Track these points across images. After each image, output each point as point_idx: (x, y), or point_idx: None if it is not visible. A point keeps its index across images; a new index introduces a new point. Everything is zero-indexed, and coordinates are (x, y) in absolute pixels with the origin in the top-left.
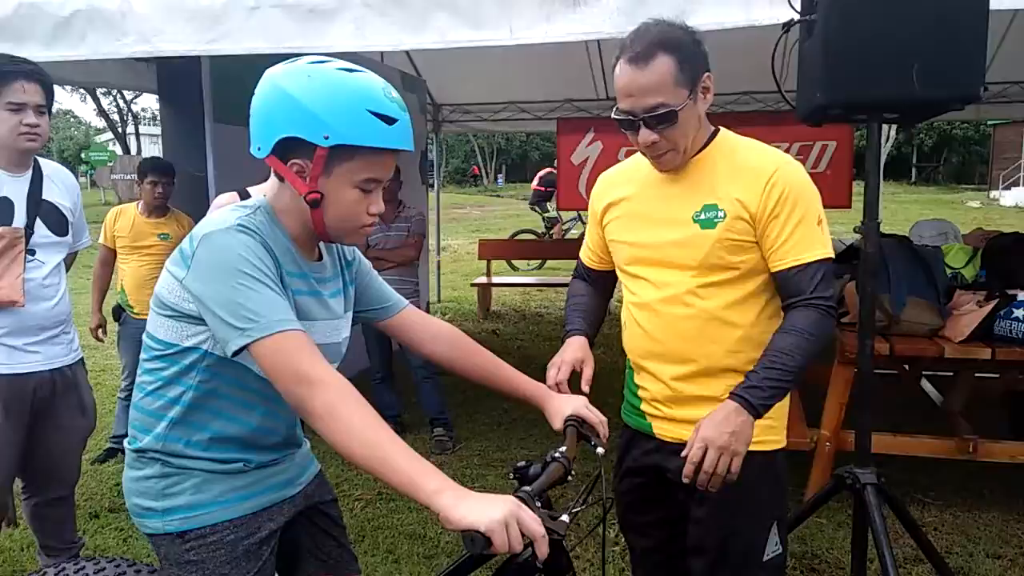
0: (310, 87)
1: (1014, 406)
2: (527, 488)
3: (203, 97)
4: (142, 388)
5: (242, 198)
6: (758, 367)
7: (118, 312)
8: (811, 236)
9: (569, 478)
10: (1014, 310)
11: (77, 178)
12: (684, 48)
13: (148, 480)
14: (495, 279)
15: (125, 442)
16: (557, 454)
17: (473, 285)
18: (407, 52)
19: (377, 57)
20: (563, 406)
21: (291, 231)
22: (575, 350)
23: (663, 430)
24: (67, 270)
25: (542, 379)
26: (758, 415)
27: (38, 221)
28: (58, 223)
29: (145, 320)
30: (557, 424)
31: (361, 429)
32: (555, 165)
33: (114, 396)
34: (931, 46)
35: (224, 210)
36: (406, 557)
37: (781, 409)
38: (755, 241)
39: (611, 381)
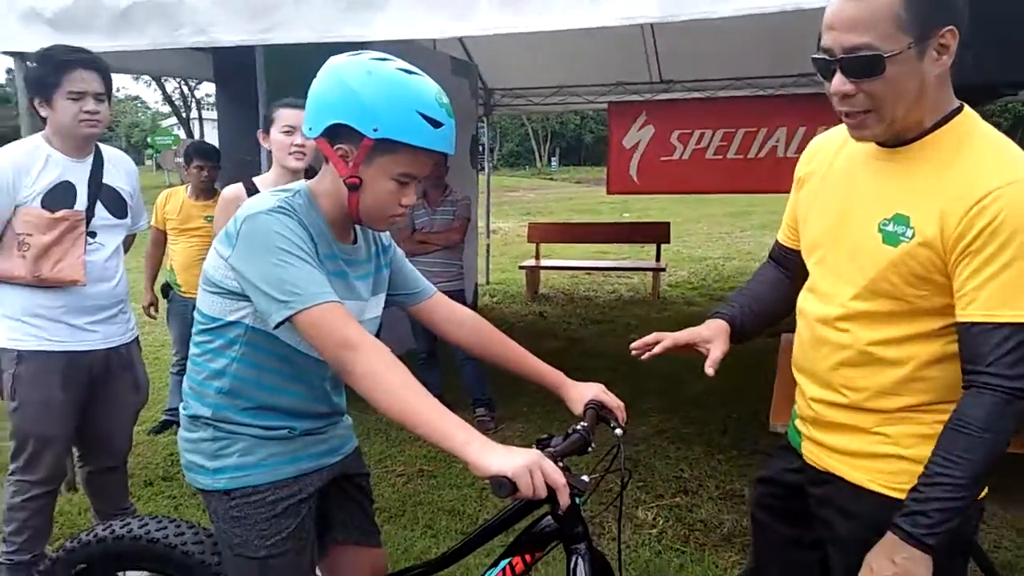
0: (368, 82)
1: None
2: (550, 449)
3: (256, 84)
4: (193, 360)
5: (248, 190)
6: (920, 483)
7: (166, 290)
8: (1018, 288)
9: (588, 450)
10: None
11: (143, 161)
12: None
13: (202, 442)
14: (544, 262)
15: (180, 406)
16: (578, 427)
17: (521, 268)
18: (459, 37)
19: (429, 43)
20: (582, 392)
21: (328, 214)
22: (699, 329)
23: (808, 451)
24: (125, 252)
25: (589, 363)
26: (927, 548)
27: (98, 204)
28: (118, 206)
29: (192, 298)
30: (577, 409)
31: (399, 388)
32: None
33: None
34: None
35: (266, 193)
36: (444, 532)
37: None
38: (945, 276)
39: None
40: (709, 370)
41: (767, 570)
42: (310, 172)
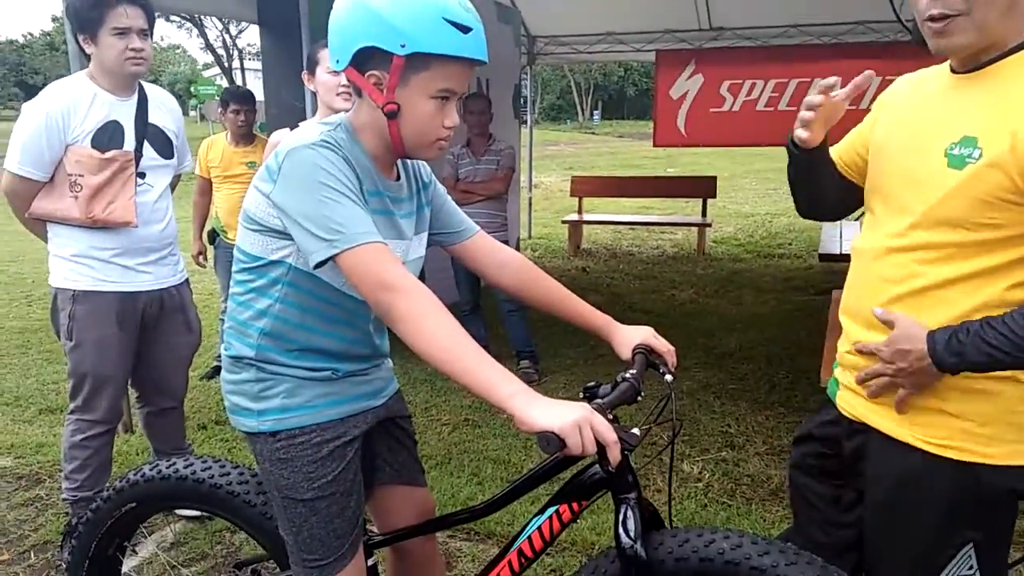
0: None
1: None
2: (599, 400)
3: (300, 24)
4: (234, 299)
5: None
6: (985, 319)
7: (212, 236)
8: None
9: (639, 398)
10: None
11: (187, 112)
12: None
13: (245, 384)
14: (586, 216)
15: (221, 348)
16: (628, 374)
17: (564, 222)
18: None
19: None
20: (631, 336)
21: (369, 148)
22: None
23: (844, 401)
24: (172, 193)
25: (632, 318)
26: (940, 366)
27: (146, 144)
28: (165, 146)
29: (234, 248)
30: (625, 353)
31: (442, 333)
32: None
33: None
34: None
35: (308, 127)
36: (489, 480)
37: (1009, 417)
38: (1018, 199)
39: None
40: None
41: (807, 532)
42: None
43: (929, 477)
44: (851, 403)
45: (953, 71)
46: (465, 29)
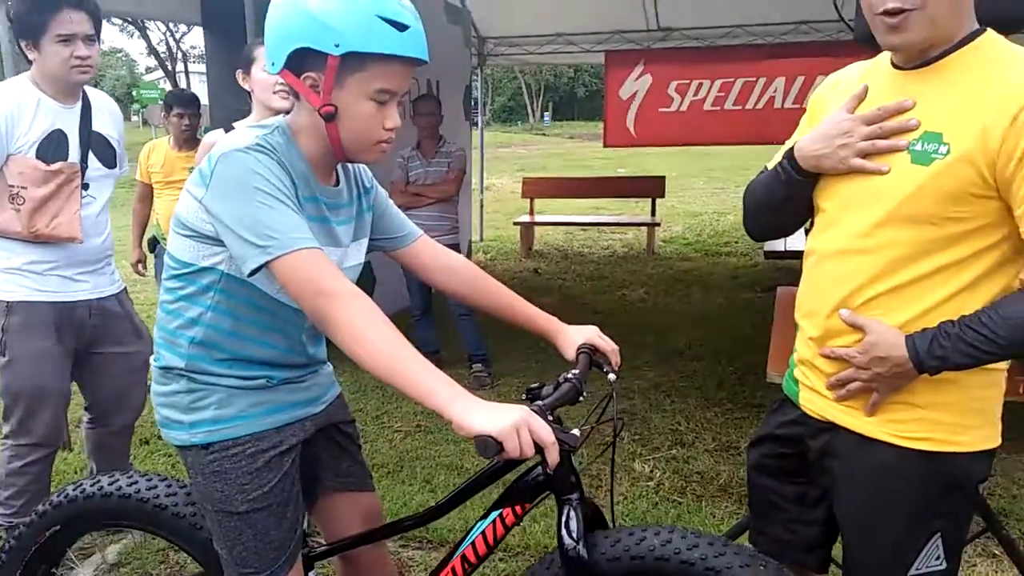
0: None
1: None
2: (539, 402)
3: (245, 25)
4: (164, 307)
5: None
6: (958, 320)
7: (153, 244)
8: None
9: (580, 399)
10: None
11: (129, 117)
12: None
13: (176, 395)
14: (538, 217)
15: (151, 358)
16: (569, 375)
17: (516, 224)
18: None
19: None
20: (575, 336)
21: (307, 152)
22: None
23: (807, 401)
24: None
25: (584, 318)
26: (922, 370)
27: (90, 154)
28: (108, 155)
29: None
30: (570, 354)
31: (379, 340)
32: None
33: None
34: None
35: (242, 130)
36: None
37: (972, 404)
38: (991, 190)
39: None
40: None
41: (770, 532)
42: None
43: (901, 471)
44: (815, 403)
45: (897, 67)
46: (401, 27)
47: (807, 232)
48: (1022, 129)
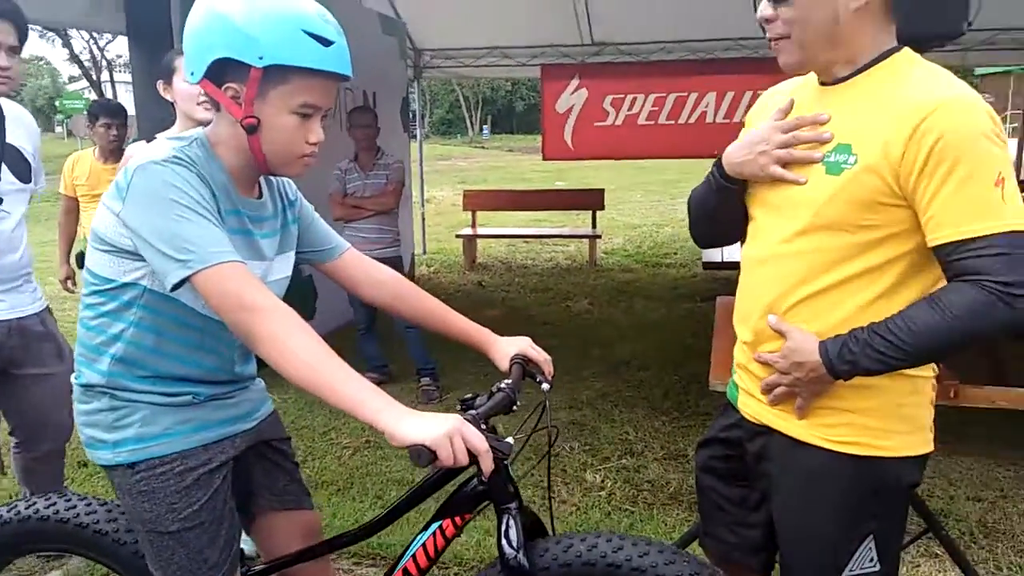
0: (243, 7)
1: (992, 350)
2: (472, 411)
3: (172, 33)
4: (84, 323)
5: None
6: (868, 326)
7: (81, 259)
8: (983, 200)
9: (514, 408)
10: None
11: (52, 128)
12: None
13: (98, 413)
14: (480, 230)
15: (72, 376)
16: (503, 385)
17: (458, 236)
18: None
19: None
20: (507, 347)
21: (228, 164)
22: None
23: (744, 405)
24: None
25: (530, 330)
26: (835, 374)
27: (3, 168)
28: (23, 169)
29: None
30: (504, 365)
31: (306, 352)
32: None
33: None
34: None
35: (160, 142)
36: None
37: (897, 410)
38: (899, 199)
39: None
40: None
41: (715, 533)
42: None
43: (831, 474)
44: (751, 406)
45: (822, 83)
46: (326, 42)
47: (743, 242)
48: (921, 141)
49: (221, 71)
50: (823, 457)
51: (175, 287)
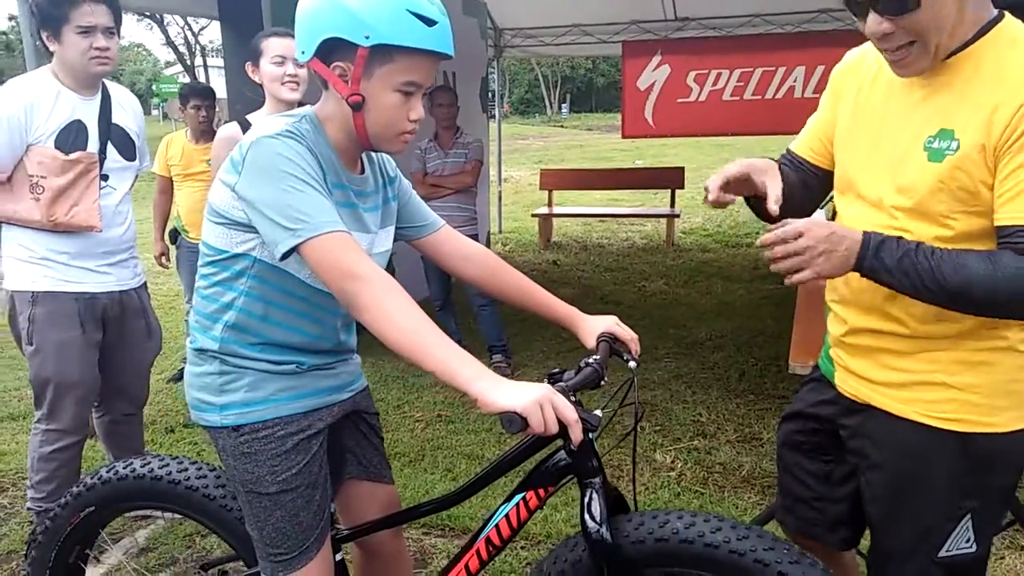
0: None
1: None
2: (562, 383)
3: (261, 19)
4: (199, 292)
5: (243, 128)
6: (920, 244)
7: (174, 236)
8: None
9: (602, 383)
10: None
11: (149, 111)
12: None
13: (207, 376)
14: (556, 209)
15: (187, 340)
16: (591, 360)
17: (534, 215)
18: None
19: None
20: (595, 325)
21: (334, 140)
22: (749, 163)
23: (842, 381)
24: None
25: (604, 310)
26: (860, 263)
27: (109, 146)
28: (127, 147)
29: (199, 243)
30: (590, 342)
31: (405, 320)
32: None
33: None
34: None
35: (272, 118)
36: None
37: (1006, 385)
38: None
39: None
40: (774, 206)
41: (796, 510)
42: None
43: (934, 451)
44: (851, 384)
45: None
46: (430, 22)
47: (831, 216)
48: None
49: (330, 50)
50: (925, 433)
51: (284, 256)
